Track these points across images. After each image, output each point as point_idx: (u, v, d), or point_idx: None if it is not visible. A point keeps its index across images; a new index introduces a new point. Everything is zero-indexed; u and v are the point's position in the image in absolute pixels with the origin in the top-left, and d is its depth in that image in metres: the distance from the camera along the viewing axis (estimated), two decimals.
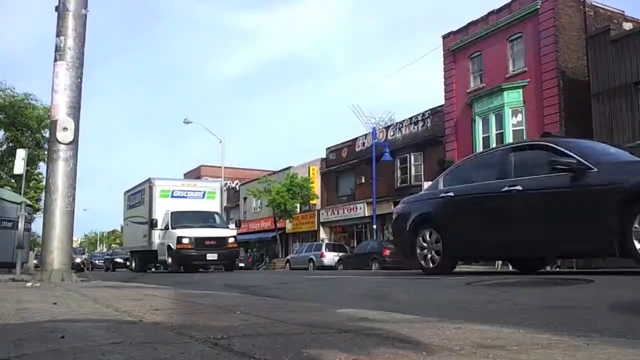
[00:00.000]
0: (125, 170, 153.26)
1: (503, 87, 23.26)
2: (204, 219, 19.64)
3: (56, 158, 6.16)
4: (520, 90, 23.05)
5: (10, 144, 30.82)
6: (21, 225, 10.11)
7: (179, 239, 18.05)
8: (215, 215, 20.56)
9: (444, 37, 27.52)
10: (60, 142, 6.17)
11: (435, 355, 1.41)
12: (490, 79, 24.36)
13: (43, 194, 18.44)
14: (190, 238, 18.05)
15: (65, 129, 6.19)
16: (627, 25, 22.92)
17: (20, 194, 18.52)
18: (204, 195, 21.16)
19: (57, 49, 6.35)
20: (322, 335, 1.79)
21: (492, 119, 23.72)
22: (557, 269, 18.55)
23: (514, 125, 22.96)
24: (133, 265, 23.75)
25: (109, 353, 1.46)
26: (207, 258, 18.15)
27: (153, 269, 24.54)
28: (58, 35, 6.37)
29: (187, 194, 20.84)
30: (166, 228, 19.10)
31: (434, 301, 4.13)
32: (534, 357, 1.40)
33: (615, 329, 2.43)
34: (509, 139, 22.86)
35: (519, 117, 22.97)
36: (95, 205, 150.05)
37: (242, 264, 23.88)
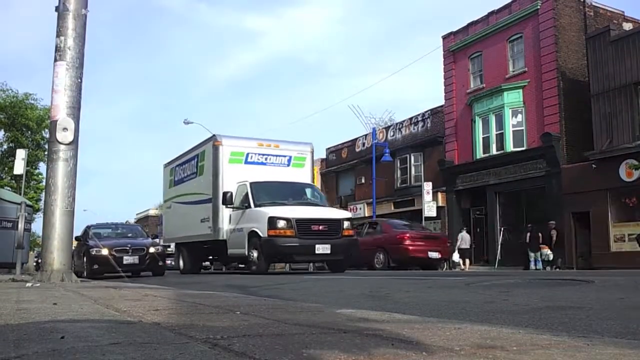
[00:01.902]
0: (125, 171, 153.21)
1: (503, 87, 23.26)
2: (295, 193, 14.02)
3: (56, 158, 6.17)
4: (520, 91, 23.05)
5: (11, 144, 30.85)
6: (21, 225, 10.11)
7: (272, 221, 12.08)
8: (309, 190, 14.71)
9: (444, 37, 27.52)
10: (60, 143, 6.17)
11: (435, 356, 1.41)
12: (490, 79, 24.36)
13: (43, 194, 18.43)
14: (289, 220, 12.13)
15: (65, 129, 6.19)
16: (627, 26, 22.92)
17: (20, 194, 18.54)
18: (289, 161, 15.11)
19: (57, 49, 6.35)
20: (322, 335, 1.79)
21: (492, 119, 23.72)
22: (557, 270, 18.59)
23: (513, 126, 22.96)
24: (181, 263, 17.22)
25: (109, 353, 1.46)
26: (317, 251, 12.20)
27: (210, 267, 19.15)
28: (58, 35, 6.38)
29: (266, 159, 14.85)
30: (244, 206, 13.25)
31: (434, 301, 4.13)
32: (533, 357, 1.40)
33: (615, 330, 2.43)
34: (509, 139, 22.87)
35: (519, 117, 22.97)
36: (95, 206, 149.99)
37: (242, 264, 18.57)
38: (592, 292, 4.29)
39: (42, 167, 31.21)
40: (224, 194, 13.45)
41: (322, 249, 12.21)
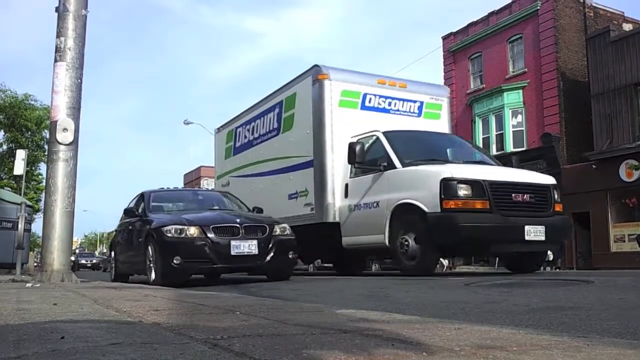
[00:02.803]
0: (125, 171, 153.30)
1: (503, 88, 23.27)
2: (451, 150, 9.69)
3: (56, 159, 6.17)
4: (520, 91, 23.07)
5: (10, 145, 30.87)
6: (21, 225, 10.12)
7: (450, 185, 7.49)
8: (468, 145, 10.89)
9: (444, 37, 27.53)
10: (60, 143, 6.18)
11: (435, 356, 1.41)
12: (490, 79, 24.37)
13: (43, 195, 18.43)
14: (478, 184, 7.54)
15: (65, 129, 6.20)
16: (627, 26, 22.93)
17: (20, 194, 18.54)
18: (420, 109, 10.76)
19: (57, 49, 6.35)
20: (322, 335, 1.79)
21: (492, 120, 23.73)
22: (557, 270, 18.59)
23: (513, 126, 22.97)
24: None
25: (109, 354, 1.46)
26: (527, 236, 7.50)
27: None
28: (58, 36, 6.38)
29: (390, 104, 10.44)
30: (381, 167, 8.64)
31: (434, 302, 4.13)
32: (533, 357, 1.40)
33: (615, 330, 2.43)
34: (509, 139, 22.86)
35: (519, 118, 22.99)
36: (95, 206, 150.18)
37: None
38: (592, 293, 4.28)
39: (42, 167, 31.26)
40: (352, 146, 8.72)
41: (534, 232, 7.56)
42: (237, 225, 7.58)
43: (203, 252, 7.28)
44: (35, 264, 19.16)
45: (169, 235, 7.33)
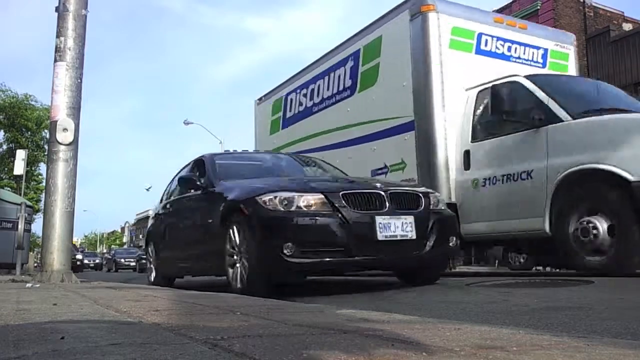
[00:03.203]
0: (125, 171, 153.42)
1: None
2: (606, 99, 7.01)
3: (56, 159, 6.18)
4: None
5: (10, 145, 30.91)
6: (21, 226, 10.14)
7: None
8: (621, 96, 7.65)
9: None
10: (60, 143, 6.18)
11: (435, 356, 1.41)
12: None
13: (43, 195, 18.43)
14: None
15: (65, 129, 6.20)
16: (627, 26, 22.93)
17: (20, 194, 18.56)
18: (544, 57, 8.64)
19: (57, 49, 6.36)
20: (322, 336, 1.79)
21: None
22: (557, 270, 18.54)
23: None
24: None
25: (109, 354, 1.46)
26: None
27: None
28: (58, 35, 6.38)
29: (509, 49, 8.32)
30: (533, 120, 6.23)
31: (434, 302, 4.13)
32: (533, 357, 1.40)
33: (614, 330, 2.43)
34: None
35: None
36: (95, 206, 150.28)
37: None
38: (592, 293, 4.28)
39: (42, 167, 31.29)
40: (496, 90, 6.63)
41: None
42: (381, 193, 4.86)
43: (332, 236, 4.55)
44: (35, 264, 19.17)
45: (270, 208, 4.57)
